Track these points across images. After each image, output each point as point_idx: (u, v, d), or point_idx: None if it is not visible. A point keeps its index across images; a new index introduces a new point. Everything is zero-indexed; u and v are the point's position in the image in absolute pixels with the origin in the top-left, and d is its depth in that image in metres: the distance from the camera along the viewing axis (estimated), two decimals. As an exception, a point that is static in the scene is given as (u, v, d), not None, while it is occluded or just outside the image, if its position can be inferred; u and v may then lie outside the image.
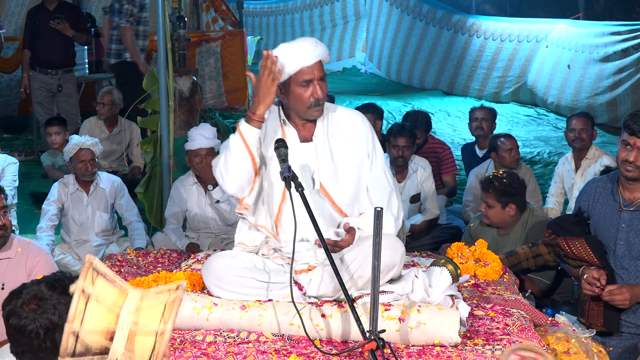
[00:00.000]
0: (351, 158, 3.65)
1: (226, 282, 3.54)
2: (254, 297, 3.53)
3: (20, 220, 6.52)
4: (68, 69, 8.55)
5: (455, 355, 3.16)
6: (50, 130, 7.41)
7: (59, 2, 8.45)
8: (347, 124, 3.68)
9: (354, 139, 3.67)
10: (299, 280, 3.56)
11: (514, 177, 5.10)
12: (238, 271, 3.56)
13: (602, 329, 3.86)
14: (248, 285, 3.54)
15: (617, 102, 10.98)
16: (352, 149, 3.66)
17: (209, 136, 5.72)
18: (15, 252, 3.87)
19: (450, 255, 4.38)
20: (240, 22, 12.68)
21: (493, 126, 7.24)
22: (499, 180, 5.03)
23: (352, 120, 3.70)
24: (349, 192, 3.63)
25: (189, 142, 5.77)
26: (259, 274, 3.57)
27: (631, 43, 10.90)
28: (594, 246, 3.83)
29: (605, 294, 3.73)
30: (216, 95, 11.91)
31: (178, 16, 9.11)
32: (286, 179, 3.20)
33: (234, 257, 3.65)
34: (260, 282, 3.54)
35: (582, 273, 3.85)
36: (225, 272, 3.55)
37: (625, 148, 3.76)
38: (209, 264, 3.62)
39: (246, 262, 3.62)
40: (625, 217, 3.82)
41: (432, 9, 14.88)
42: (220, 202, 5.75)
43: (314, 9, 17.63)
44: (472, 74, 13.84)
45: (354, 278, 3.44)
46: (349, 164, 3.64)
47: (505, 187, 4.99)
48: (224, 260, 3.61)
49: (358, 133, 3.68)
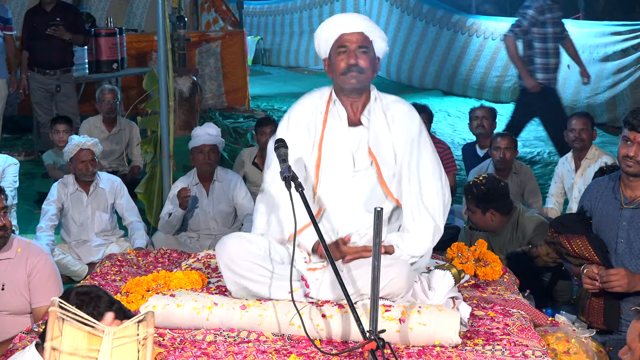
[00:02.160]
0: (398, 145, 3.61)
1: (237, 264, 3.52)
2: (260, 286, 3.51)
3: (20, 220, 6.52)
4: (66, 69, 8.55)
5: (455, 355, 3.16)
6: (59, 128, 7.38)
7: (56, 3, 8.45)
8: (399, 113, 3.65)
9: (400, 125, 3.63)
10: (306, 277, 3.56)
11: (494, 183, 5.07)
12: (252, 257, 3.53)
13: (602, 327, 3.86)
14: (258, 273, 3.52)
15: (616, 102, 10.99)
16: (401, 138, 3.62)
17: (213, 133, 5.80)
18: (15, 252, 3.87)
19: (450, 255, 4.38)
20: (240, 22, 12.68)
21: (493, 125, 7.24)
22: (478, 186, 5.04)
23: (404, 111, 3.67)
24: (394, 171, 3.61)
25: (193, 139, 5.81)
26: (271, 264, 3.55)
27: (631, 43, 10.91)
28: (595, 244, 3.84)
29: (602, 275, 3.71)
30: (216, 95, 11.92)
31: (178, 16, 9.12)
32: (286, 179, 3.19)
33: (251, 241, 3.62)
34: (270, 273, 3.52)
35: (583, 269, 3.86)
36: (239, 255, 3.53)
37: (626, 144, 3.77)
38: (224, 243, 3.60)
39: (262, 249, 3.59)
40: (626, 214, 3.83)
41: (432, 9, 14.88)
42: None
43: (314, 9, 17.63)
44: (471, 74, 13.84)
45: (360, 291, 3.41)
46: (396, 150, 3.61)
47: (483, 194, 4.99)
48: (240, 242, 3.59)
49: (407, 121, 3.64)
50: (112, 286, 4.02)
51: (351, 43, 3.53)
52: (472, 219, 5.13)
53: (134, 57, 11.14)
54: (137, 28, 12.41)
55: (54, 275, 3.95)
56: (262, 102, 13.44)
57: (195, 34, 11.37)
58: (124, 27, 11.03)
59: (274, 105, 13.18)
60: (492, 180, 5.10)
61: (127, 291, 3.77)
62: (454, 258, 4.31)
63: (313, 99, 3.72)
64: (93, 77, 9.75)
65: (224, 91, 11.99)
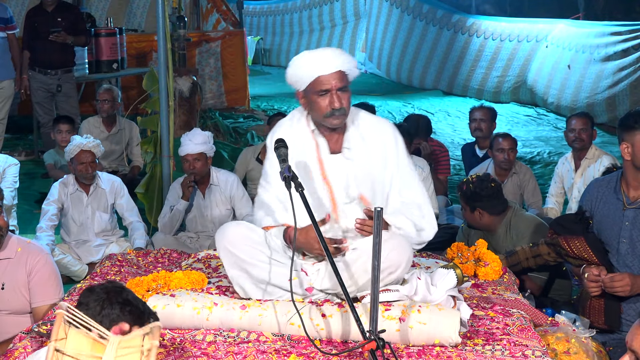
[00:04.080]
0: (380, 166, 3.64)
1: (238, 248, 3.54)
2: (260, 270, 3.52)
3: (20, 220, 6.52)
4: (67, 69, 8.55)
5: (455, 355, 3.16)
6: (62, 128, 7.35)
7: (57, 3, 8.45)
8: (375, 132, 3.67)
9: (382, 147, 3.66)
10: (306, 269, 3.56)
11: (484, 183, 5.09)
12: (251, 242, 3.56)
13: (603, 327, 3.86)
14: (258, 258, 3.53)
15: (616, 102, 10.99)
16: (381, 158, 3.65)
17: (198, 142, 5.71)
18: (15, 252, 3.86)
19: (450, 255, 4.38)
20: (240, 22, 12.68)
21: (493, 126, 7.23)
22: (467, 184, 5.09)
23: (380, 129, 3.69)
24: (385, 200, 3.64)
25: (180, 147, 5.77)
26: (270, 250, 3.56)
27: (631, 43, 10.91)
28: (593, 245, 3.85)
29: (606, 280, 3.73)
30: (216, 95, 11.92)
31: (178, 16, 9.11)
32: (286, 179, 3.19)
33: (251, 229, 3.64)
34: (269, 259, 3.53)
35: (583, 272, 3.86)
36: (239, 240, 3.55)
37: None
38: (224, 230, 3.62)
39: (261, 237, 3.61)
40: (629, 215, 3.83)
41: (432, 9, 14.89)
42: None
43: (314, 9, 17.63)
44: (471, 74, 13.85)
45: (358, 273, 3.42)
46: (379, 172, 3.63)
47: (471, 193, 5.03)
48: (240, 229, 3.62)
49: (385, 141, 3.67)
50: (112, 286, 4.02)
51: (331, 85, 3.50)
52: (464, 216, 5.22)
53: (134, 57, 11.14)
54: (137, 28, 12.41)
55: (54, 275, 3.95)
56: (262, 102, 13.44)
57: (195, 34, 11.37)
58: (124, 27, 11.03)
59: (273, 105, 13.18)
60: (482, 180, 5.12)
61: (127, 291, 3.78)
62: (454, 258, 4.32)
63: (289, 131, 3.68)
64: (93, 77, 9.75)
65: (224, 91, 11.99)
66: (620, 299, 3.83)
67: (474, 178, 5.15)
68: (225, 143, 9.39)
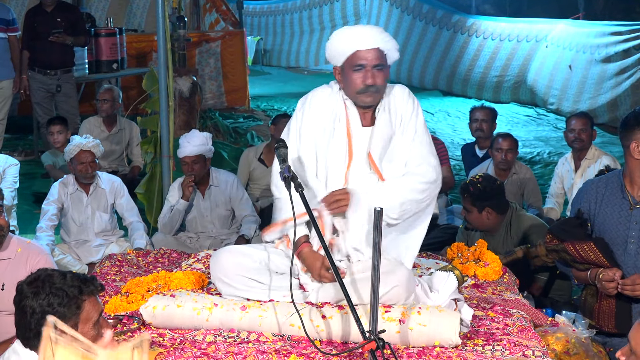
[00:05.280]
0: (404, 140, 3.62)
1: (232, 279, 3.54)
2: (257, 297, 3.53)
3: (20, 220, 6.52)
4: (67, 69, 8.55)
5: (455, 355, 3.16)
6: (52, 129, 7.39)
7: (57, 3, 8.45)
8: (400, 105, 3.65)
9: (405, 120, 3.64)
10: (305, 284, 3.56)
11: (490, 181, 5.10)
12: (245, 271, 3.55)
13: (614, 330, 3.82)
14: (252, 286, 3.54)
15: (617, 102, 10.99)
16: (404, 131, 3.63)
17: (196, 143, 5.70)
18: (15, 252, 3.86)
19: (450, 255, 4.38)
20: (240, 22, 12.68)
21: (493, 126, 7.23)
22: (474, 185, 5.06)
23: (402, 99, 3.66)
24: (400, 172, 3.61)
25: (179, 148, 5.77)
26: (266, 276, 3.55)
27: (632, 44, 10.91)
28: (602, 248, 3.79)
29: (628, 284, 3.70)
30: (216, 95, 11.92)
31: (178, 16, 9.10)
32: (286, 179, 3.19)
33: (245, 254, 3.64)
34: (265, 286, 3.53)
35: (596, 276, 3.80)
36: (233, 270, 3.55)
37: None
38: (218, 258, 3.63)
39: (256, 262, 3.61)
40: (637, 215, 3.78)
41: (432, 9, 14.89)
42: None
43: (314, 9, 17.63)
44: (470, 74, 13.85)
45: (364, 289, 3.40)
46: (402, 147, 3.62)
47: (480, 192, 5.00)
48: (234, 257, 3.61)
49: (408, 113, 3.65)
50: (112, 286, 4.02)
51: (368, 61, 3.51)
52: (468, 218, 5.14)
53: (134, 57, 11.14)
54: (137, 28, 12.41)
55: (54, 275, 3.95)
56: (262, 102, 13.44)
57: (195, 34, 11.37)
58: (124, 27, 11.03)
59: (274, 106, 13.18)
60: (488, 179, 5.12)
61: (127, 291, 3.78)
62: (454, 258, 4.32)
63: (325, 98, 3.68)
64: (93, 77, 9.75)
65: (224, 91, 11.99)
66: (631, 301, 3.80)
67: (479, 178, 5.13)
68: (225, 143, 9.40)
